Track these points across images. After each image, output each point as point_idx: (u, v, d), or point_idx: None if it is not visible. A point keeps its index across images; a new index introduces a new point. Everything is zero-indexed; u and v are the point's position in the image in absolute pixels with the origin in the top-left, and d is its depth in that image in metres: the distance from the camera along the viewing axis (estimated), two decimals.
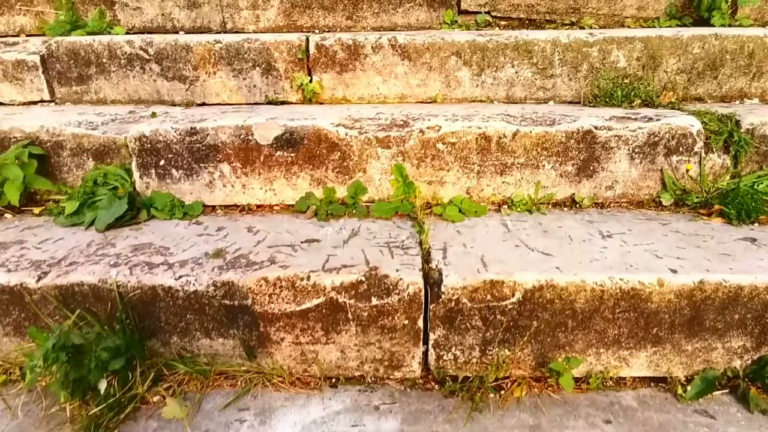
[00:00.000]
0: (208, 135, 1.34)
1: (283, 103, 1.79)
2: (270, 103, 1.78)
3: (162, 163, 1.37)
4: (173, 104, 1.82)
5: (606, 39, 1.69)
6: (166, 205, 1.35)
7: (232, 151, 1.36)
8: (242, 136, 1.34)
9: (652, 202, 1.38)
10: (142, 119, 1.58)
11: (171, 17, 2.15)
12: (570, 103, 1.75)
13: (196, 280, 1.01)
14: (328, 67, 1.74)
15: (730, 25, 1.96)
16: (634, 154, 1.35)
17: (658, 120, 1.35)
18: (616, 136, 1.33)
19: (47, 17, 2.18)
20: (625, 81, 1.72)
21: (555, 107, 1.65)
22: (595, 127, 1.33)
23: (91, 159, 1.44)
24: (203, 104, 1.81)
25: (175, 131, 1.34)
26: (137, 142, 1.35)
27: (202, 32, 2.15)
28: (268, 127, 1.33)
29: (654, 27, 2.01)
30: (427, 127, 1.33)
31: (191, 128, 1.34)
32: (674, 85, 1.73)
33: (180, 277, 1.01)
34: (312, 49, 1.72)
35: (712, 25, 1.95)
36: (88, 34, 2.01)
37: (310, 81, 1.75)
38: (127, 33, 2.14)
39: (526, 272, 1.00)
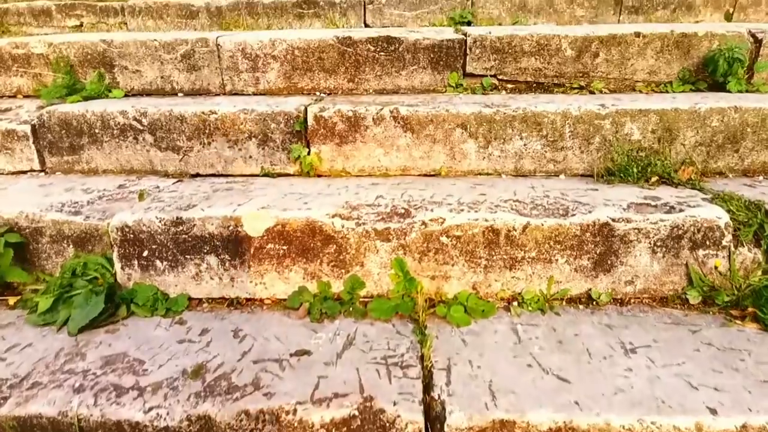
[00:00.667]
0: (194, 226, 1.25)
1: (279, 175, 1.71)
2: (266, 175, 1.70)
3: (145, 254, 1.28)
4: (166, 174, 1.75)
5: (619, 111, 1.61)
6: (148, 299, 1.25)
7: (220, 242, 1.26)
8: (231, 228, 1.25)
9: (678, 299, 1.26)
10: (130, 196, 1.50)
11: (170, 79, 2.10)
12: (582, 176, 1.65)
13: (168, 413, 0.89)
14: (327, 138, 1.66)
15: (747, 91, 1.88)
16: (655, 247, 1.24)
17: (681, 211, 1.24)
18: (635, 229, 1.23)
19: (45, 79, 2.14)
20: (641, 154, 1.62)
21: (567, 183, 1.55)
22: (613, 219, 1.23)
23: (71, 246, 1.35)
24: (197, 175, 1.74)
25: (160, 221, 1.26)
26: (119, 233, 1.27)
27: (201, 94, 2.11)
28: (258, 218, 1.24)
29: (667, 92, 1.93)
30: (430, 219, 1.23)
31: (177, 218, 1.25)
32: (693, 159, 1.63)
33: (150, 409, 0.90)
34: (310, 120, 1.65)
35: (729, 91, 1.87)
36: (84, 98, 1.97)
37: (308, 153, 1.67)
38: (125, 95, 2.10)
39: (540, 409, 0.87)
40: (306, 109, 1.66)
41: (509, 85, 2.02)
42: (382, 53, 2.00)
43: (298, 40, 1.99)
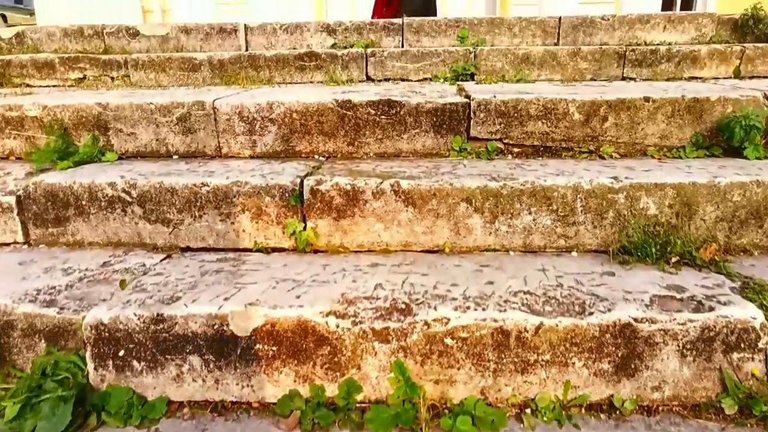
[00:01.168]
0: (176, 324, 1.15)
1: (274, 249, 1.61)
2: (260, 250, 1.61)
3: (122, 353, 1.17)
4: (155, 248, 1.66)
5: (633, 185, 1.52)
6: (122, 406, 1.13)
7: (204, 342, 1.15)
8: (216, 326, 1.14)
9: (712, 408, 1.13)
10: (113, 277, 1.40)
11: (165, 142, 2.05)
12: (595, 252, 1.55)
13: None
14: (324, 212, 1.58)
15: (765, 157, 1.79)
16: (685, 350, 1.12)
17: (711, 309, 1.13)
18: (661, 330, 1.11)
19: (38, 141, 2.09)
20: (658, 229, 1.52)
21: (580, 263, 1.44)
22: (636, 320, 1.11)
23: (43, 341, 1.24)
24: (187, 249, 1.65)
25: (139, 318, 1.15)
26: (93, 331, 1.16)
27: (196, 156, 2.04)
28: (246, 316, 1.13)
29: (681, 158, 1.85)
30: (434, 319, 1.12)
31: (158, 315, 1.15)
32: (715, 236, 1.52)
33: None
34: (306, 194, 1.57)
35: (746, 157, 1.79)
36: (76, 163, 1.91)
37: (304, 228, 1.58)
38: (119, 158, 2.04)
39: None
40: (302, 182, 1.58)
41: (515, 149, 1.94)
42: (383, 117, 1.94)
43: (297, 104, 1.94)
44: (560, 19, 3.55)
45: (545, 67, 3.18)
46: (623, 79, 3.20)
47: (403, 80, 3.19)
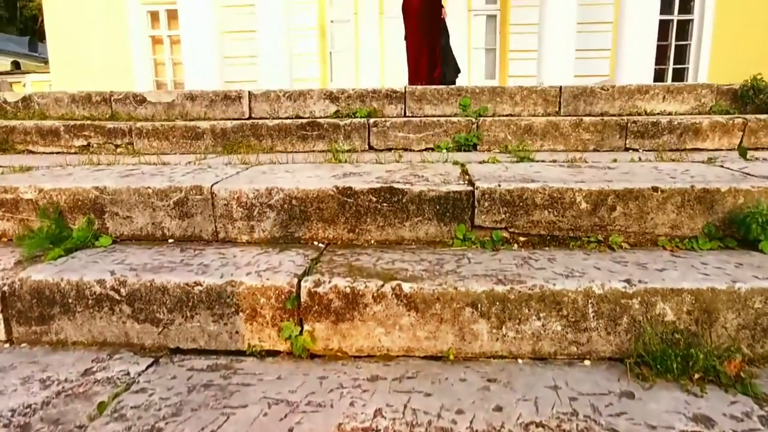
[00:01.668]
0: None
1: (269, 353, 1.52)
2: (253, 354, 1.52)
3: None
4: (142, 348, 1.57)
5: (648, 290, 1.44)
6: None
7: None
8: None
9: None
10: (93, 390, 1.31)
11: (161, 226, 2.00)
12: (610, 360, 1.45)
13: None
14: (321, 316, 1.49)
15: None
16: None
17: None
18: None
19: (32, 224, 2.04)
20: (677, 337, 1.43)
21: (594, 377, 1.35)
22: None
23: None
24: (177, 350, 1.56)
25: None
26: None
27: (192, 241, 1.99)
28: None
29: (694, 250, 1.78)
30: None
31: None
32: (738, 346, 1.43)
33: None
34: (303, 296, 1.49)
35: (762, 251, 1.72)
36: (67, 251, 1.85)
37: (301, 332, 1.49)
38: (113, 242, 1.99)
39: None
40: (299, 283, 1.50)
41: (521, 238, 1.88)
42: (384, 204, 1.89)
43: (296, 190, 1.90)
44: (561, 88, 3.59)
45: (548, 137, 3.18)
46: (626, 149, 3.19)
47: (405, 150, 3.19)
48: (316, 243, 1.92)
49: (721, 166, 2.26)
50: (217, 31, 10.09)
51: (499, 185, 1.86)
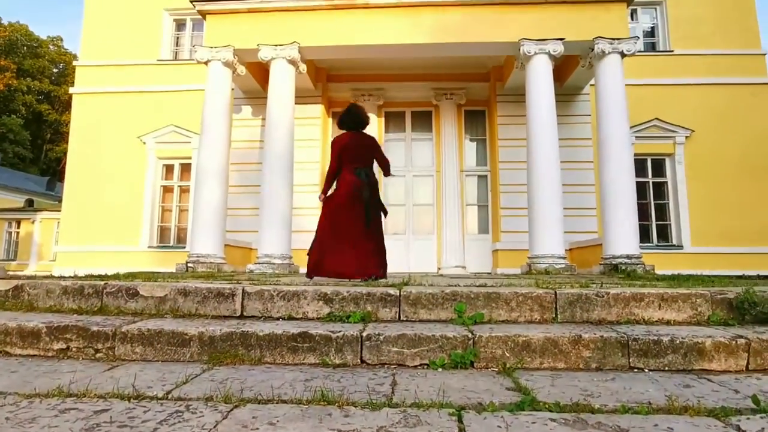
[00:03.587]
0: None
1: None
2: None
3: None
4: None
5: None
6: None
7: None
8: None
9: None
10: None
11: None
12: None
13: None
14: None
15: None
16: None
17: None
18: None
19: None
20: None
21: None
22: None
23: None
24: None
25: None
26: None
27: None
28: None
29: None
30: None
31: None
32: None
33: None
34: None
35: None
36: None
37: None
38: None
39: None
40: None
41: None
42: None
43: None
44: (556, 294, 3.59)
45: (547, 354, 3.06)
46: (631, 368, 3.06)
47: (399, 365, 3.04)
48: None
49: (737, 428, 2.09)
50: (224, 186, 10.72)
51: None
